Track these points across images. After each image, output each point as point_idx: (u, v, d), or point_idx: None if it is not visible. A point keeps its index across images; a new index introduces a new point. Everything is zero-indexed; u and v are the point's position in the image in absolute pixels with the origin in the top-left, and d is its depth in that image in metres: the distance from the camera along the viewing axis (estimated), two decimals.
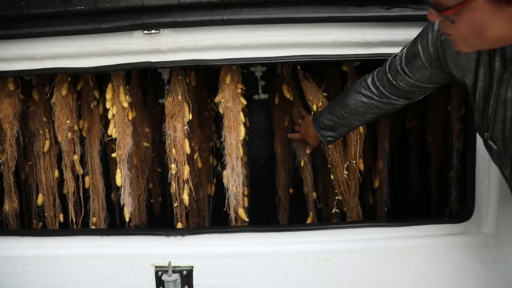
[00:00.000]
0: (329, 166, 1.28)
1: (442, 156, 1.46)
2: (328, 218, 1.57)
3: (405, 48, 0.95)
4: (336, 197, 1.30)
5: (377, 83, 1.02)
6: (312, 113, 1.25)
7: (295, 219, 1.55)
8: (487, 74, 0.80)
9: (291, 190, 1.56)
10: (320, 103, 1.24)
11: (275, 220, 1.55)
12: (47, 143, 1.37)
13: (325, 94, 1.26)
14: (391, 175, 1.51)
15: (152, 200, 1.60)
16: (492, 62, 0.78)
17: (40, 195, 1.40)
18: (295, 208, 1.56)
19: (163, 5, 1.02)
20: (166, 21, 1.03)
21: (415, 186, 1.57)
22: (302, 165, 1.41)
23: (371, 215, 1.47)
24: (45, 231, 1.33)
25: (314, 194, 1.42)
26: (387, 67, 0.99)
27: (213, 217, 1.61)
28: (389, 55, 1.02)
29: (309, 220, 1.43)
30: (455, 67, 0.85)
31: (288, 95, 1.37)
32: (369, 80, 1.04)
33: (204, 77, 1.51)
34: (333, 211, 1.28)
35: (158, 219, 1.59)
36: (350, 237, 1.17)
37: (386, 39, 1.07)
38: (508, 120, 0.78)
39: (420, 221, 1.19)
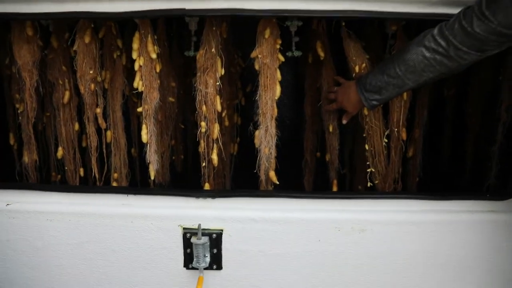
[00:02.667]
0: (364, 135, 1.21)
1: (481, 129, 1.38)
2: (351, 188, 1.53)
3: None
4: (369, 169, 1.23)
5: (446, 32, 0.90)
6: (354, 76, 1.16)
7: (321, 185, 1.50)
8: None
9: (318, 154, 1.51)
10: (364, 65, 1.15)
11: (300, 184, 1.51)
12: (67, 93, 1.29)
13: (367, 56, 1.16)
14: (425, 145, 1.44)
15: (174, 157, 1.55)
16: None
17: (60, 148, 1.34)
18: (321, 173, 1.51)
19: None
20: None
21: (447, 159, 1.51)
22: (330, 130, 1.34)
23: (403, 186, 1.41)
24: (70, 187, 1.28)
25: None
26: (461, 15, 0.87)
27: (234, 177, 1.57)
28: (448, 15, 0.92)
29: (334, 188, 1.38)
30: None
31: (322, 54, 1.27)
32: (435, 31, 0.92)
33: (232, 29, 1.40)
34: (368, 185, 1.21)
35: (180, 177, 1.54)
36: (387, 207, 1.12)
37: None
38: None
39: (460, 195, 1.13)
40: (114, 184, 1.34)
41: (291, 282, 1.15)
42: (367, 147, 1.22)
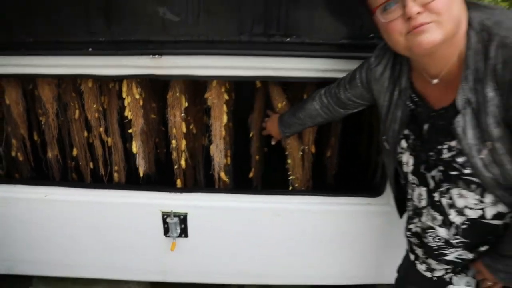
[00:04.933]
0: (286, 152, 1.72)
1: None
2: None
3: (350, 72, 1.30)
4: (290, 177, 1.76)
5: (327, 93, 1.40)
6: (277, 112, 1.66)
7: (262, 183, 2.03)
8: (388, 99, 1.13)
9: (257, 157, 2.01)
10: (284, 102, 1.64)
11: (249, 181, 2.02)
12: (77, 112, 1.81)
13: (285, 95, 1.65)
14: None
15: (158, 151, 2.09)
16: (393, 91, 1.12)
17: (74, 149, 1.88)
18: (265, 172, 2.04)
19: (164, 41, 1.36)
20: (165, 51, 1.38)
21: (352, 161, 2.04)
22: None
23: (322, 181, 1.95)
24: (78, 183, 1.84)
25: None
26: (336, 84, 1.36)
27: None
28: (333, 78, 1.39)
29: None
30: (375, 90, 1.18)
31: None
32: (322, 92, 1.41)
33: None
34: (290, 188, 1.75)
35: (163, 165, 2.09)
36: (297, 200, 1.68)
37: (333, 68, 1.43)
38: (395, 131, 1.13)
39: (346, 193, 1.67)
40: (115, 175, 1.90)
41: (233, 250, 1.75)
42: (289, 161, 1.74)
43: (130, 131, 1.73)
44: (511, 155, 0.92)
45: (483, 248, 1.08)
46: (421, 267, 1.21)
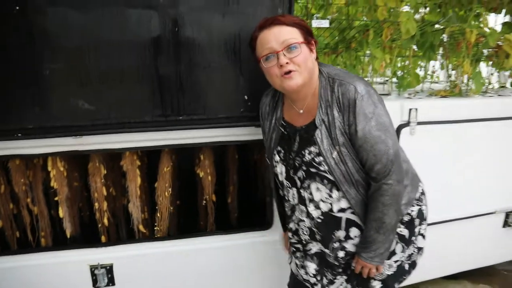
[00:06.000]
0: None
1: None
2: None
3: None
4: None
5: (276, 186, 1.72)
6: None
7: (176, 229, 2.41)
8: (268, 125, 1.56)
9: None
10: (169, 168, 2.06)
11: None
12: (2, 187, 2.05)
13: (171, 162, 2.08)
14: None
15: (82, 214, 2.36)
16: (271, 120, 1.55)
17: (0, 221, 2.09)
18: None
19: (84, 125, 1.72)
20: (85, 132, 1.74)
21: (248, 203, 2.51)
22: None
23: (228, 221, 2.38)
24: (19, 250, 2.04)
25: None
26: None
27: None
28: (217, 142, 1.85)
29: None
30: (262, 116, 1.61)
31: None
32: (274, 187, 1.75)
33: None
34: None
35: (87, 226, 2.36)
36: (205, 240, 2.06)
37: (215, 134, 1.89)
38: (271, 148, 1.55)
39: (243, 229, 2.10)
40: (43, 240, 2.13)
41: None
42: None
43: (56, 198, 2.01)
44: (351, 157, 1.37)
45: (335, 245, 1.51)
46: (301, 272, 1.66)
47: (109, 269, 1.98)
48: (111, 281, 2.00)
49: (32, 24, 1.57)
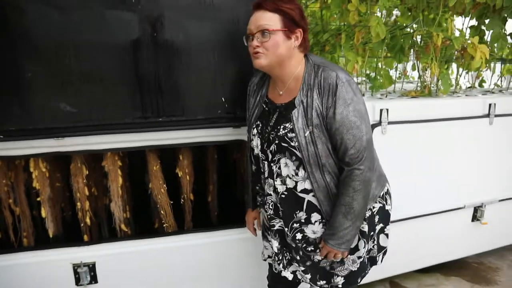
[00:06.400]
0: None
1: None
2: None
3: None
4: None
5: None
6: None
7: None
8: (253, 101, 1.65)
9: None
10: (158, 166, 2.13)
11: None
12: None
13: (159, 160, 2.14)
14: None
15: (64, 214, 2.39)
16: (257, 96, 1.64)
17: None
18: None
19: (65, 126, 1.77)
20: (67, 134, 1.79)
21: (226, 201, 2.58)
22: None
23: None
24: (1, 250, 2.06)
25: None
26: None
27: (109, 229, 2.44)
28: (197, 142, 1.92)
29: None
30: (249, 93, 1.70)
31: None
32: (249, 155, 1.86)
33: None
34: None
35: (69, 226, 2.39)
36: (186, 238, 2.13)
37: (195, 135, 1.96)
38: (252, 122, 1.64)
39: (223, 226, 2.18)
40: (25, 240, 2.16)
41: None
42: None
43: (38, 199, 2.05)
44: (322, 140, 1.44)
45: (295, 225, 1.58)
46: (270, 260, 1.74)
47: (91, 267, 2.02)
48: (94, 279, 2.04)
49: (12, 26, 1.61)
